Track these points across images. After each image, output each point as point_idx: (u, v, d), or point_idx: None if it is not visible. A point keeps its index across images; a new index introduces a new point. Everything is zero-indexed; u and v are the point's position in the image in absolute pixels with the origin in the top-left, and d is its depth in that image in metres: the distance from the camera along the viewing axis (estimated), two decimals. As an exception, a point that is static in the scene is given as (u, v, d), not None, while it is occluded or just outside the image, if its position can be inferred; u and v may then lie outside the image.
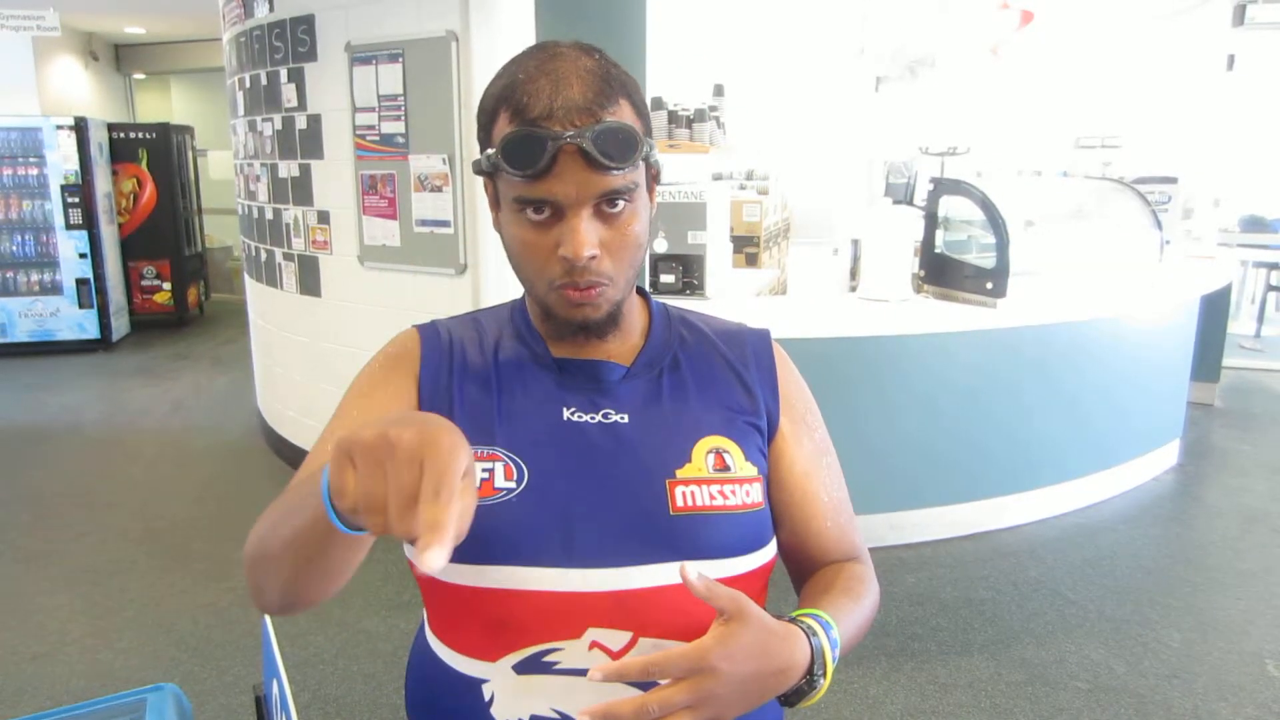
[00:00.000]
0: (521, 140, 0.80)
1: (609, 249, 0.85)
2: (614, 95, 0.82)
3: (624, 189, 0.83)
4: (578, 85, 0.81)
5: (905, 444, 3.34)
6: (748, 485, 0.92)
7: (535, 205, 0.83)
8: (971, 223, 3.63)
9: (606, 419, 0.92)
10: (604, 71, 0.83)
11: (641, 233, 0.88)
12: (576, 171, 0.80)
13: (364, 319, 3.71)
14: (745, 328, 1.05)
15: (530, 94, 0.80)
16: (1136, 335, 3.86)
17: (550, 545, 0.85)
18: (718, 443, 0.93)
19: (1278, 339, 6.92)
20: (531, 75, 0.82)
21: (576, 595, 0.84)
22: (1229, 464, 4.38)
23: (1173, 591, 3.12)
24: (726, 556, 0.89)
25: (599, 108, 0.80)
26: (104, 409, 5.39)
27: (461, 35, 3.20)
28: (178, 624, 2.87)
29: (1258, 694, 2.49)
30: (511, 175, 0.81)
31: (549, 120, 0.79)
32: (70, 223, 6.56)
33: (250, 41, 3.94)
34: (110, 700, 1.27)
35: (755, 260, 4.61)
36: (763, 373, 1.00)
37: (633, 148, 0.81)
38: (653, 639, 0.85)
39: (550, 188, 0.81)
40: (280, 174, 3.92)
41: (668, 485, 0.88)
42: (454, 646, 0.90)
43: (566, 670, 0.84)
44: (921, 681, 2.55)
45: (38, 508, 3.87)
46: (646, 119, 0.88)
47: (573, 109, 0.80)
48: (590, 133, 0.79)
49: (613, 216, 0.84)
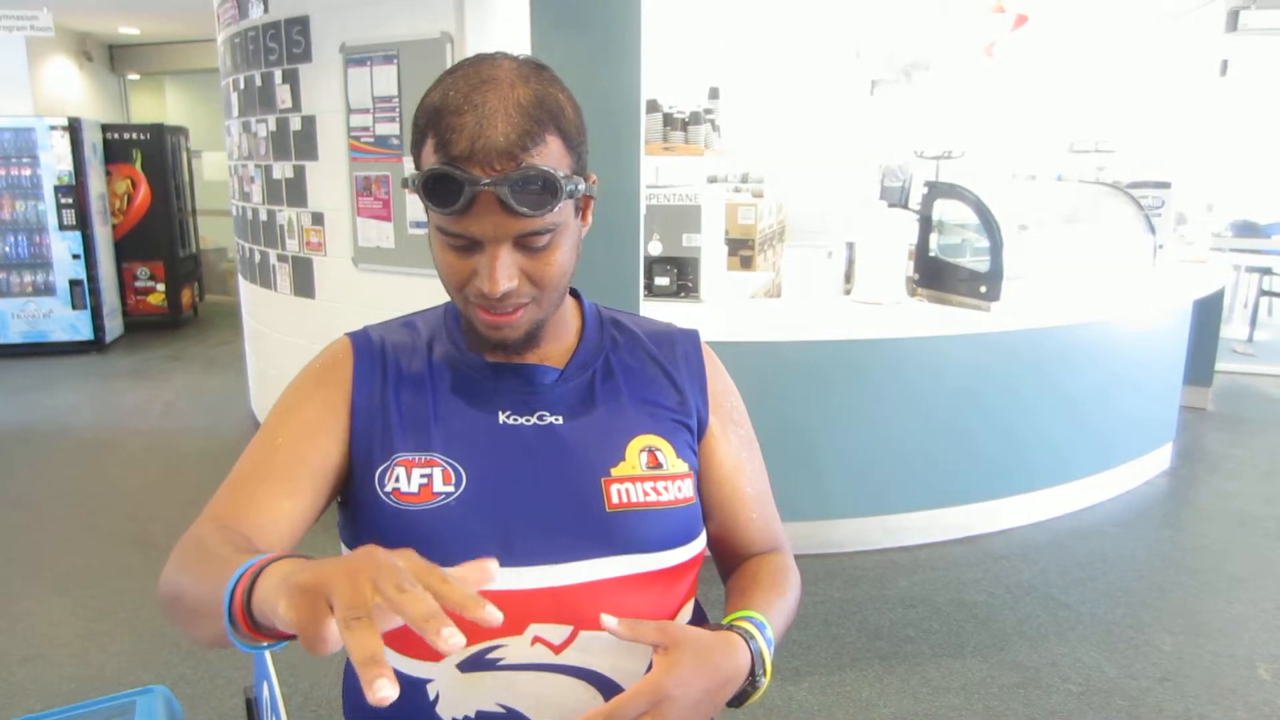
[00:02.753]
0: (440, 180, 0.80)
1: (530, 276, 0.86)
2: (539, 133, 0.81)
3: (544, 229, 0.84)
4: (501, 125, 0.79)
5: (898, 447, 3.35)
6: (679, 481, 0.95)
7: (454, 237, 0.84)
8: (966, 226, 3.64)
9: (542, 420, 0.94)
10: (535, 104, 0.81)
11: (565, 260, 0.88)
12: (493, 214, 0.81)
13: (358, 321, 3.68)
14: (674, 328, 1.08)
15: (454, 129, 0.80)
16: (1129, 339, 3.87)
17: (490, 546, 0.86)
18: (650, 441, 0.96)
19: (1270, 343, 6.94)
20: (458, 105, 0.80)
21: (517, 593, 0.87)
22: (1221, 468, 4.40)
23: (1165, 595, 3.12)
24: (660, 550, 0.92)
25: (520, 150, 0.79)
26: (97, 410, 5.38)
27: (456, 37, 3.20)
28: (168, 626, 2.85)
29: (1249, 697, 2.49)
30: (430, 209, 0.83)
31: (468, 162, 0.79)
32: (63, 224, 6.54)
33: (245, 42, 3.93)
34: (101, 703, 1.27)
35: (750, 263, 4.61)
36: (691, 372, 1.03)
37: (551, 195, 0.81)
38: (592, 631, 0.87)
39: (468, 226, 0.82)
40: (274, 175, 3.91)
41: (603, 484, 0.91)
42: (396, 648, 0.91)
43: (510, 665, 0.87)
44: (914, 684, 2.55)
45: (29, 509, 3.86)
46: (578, 149, 0.86)
47: (493, 152, 0.79)
48: (508, 180, 0.79)
49: (533, 250, 0.85)
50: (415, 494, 0.89)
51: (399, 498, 0.89)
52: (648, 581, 0.91)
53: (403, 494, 0.89)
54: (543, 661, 0.87)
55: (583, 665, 0.88)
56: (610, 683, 0.89)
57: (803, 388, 3.20)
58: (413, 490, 0.89)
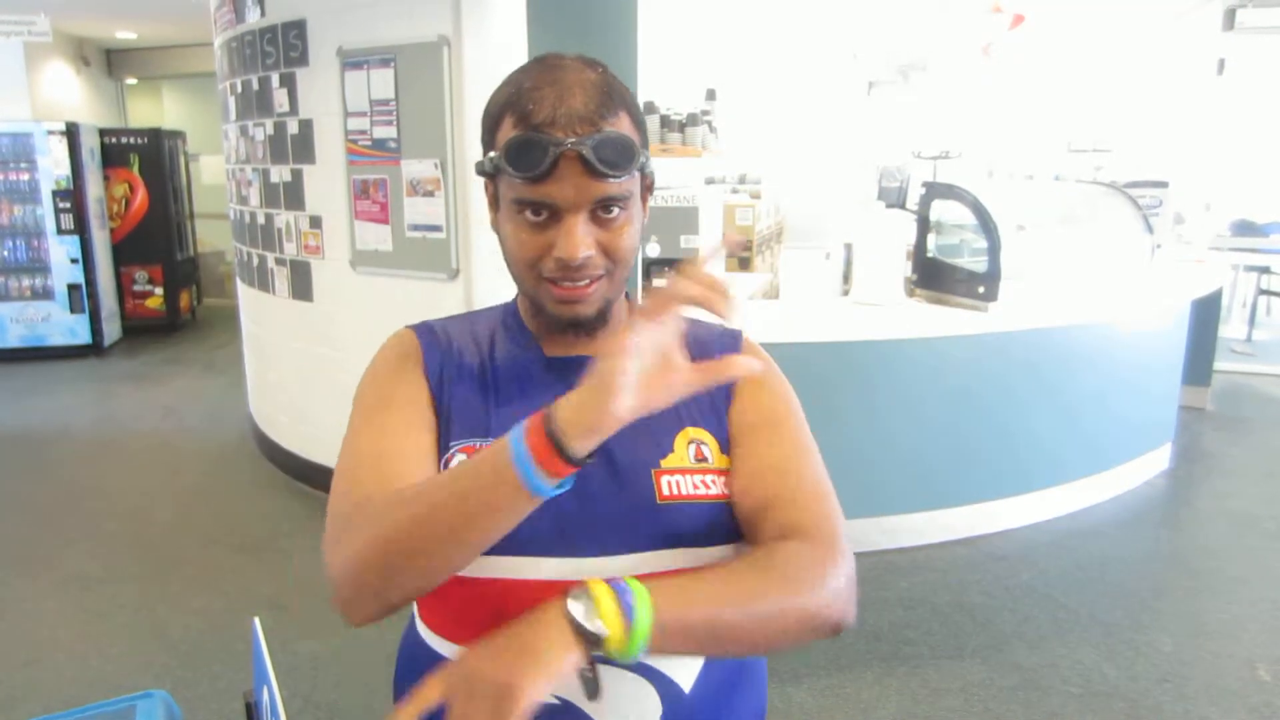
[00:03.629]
0: (524, 144, 0.84)
1: (604, 249, 0.89)
2: (614, 107, 0.86)
3: (619, 196, 0.87)
4: (580, 95, 0.85)
5: (897, 448, 3.35)
6: (725, 477, 0.95)
7: (534, 207, 0.87)
8: (964, 227, 3.64)
9: None
10: (605, 84, 0.88)
11: (634, 238, 0.92)
12: (575, 177, 0.84)
13: (356, 324, 3.70)
14: (717, 327, 1.08)
15: (535, 101, 0.85)
16: (1128, 339, 3.88)
17: (544, 536, 0.88)
18: (696, 434, 0.96)
19: (1269, 343, 6.94)
20: (537, 84, 0.86)
21: (569, 584, 0.85)
22: (1220, 468, 4.40)
23: (1164, 595, 3.12)
24: (708, 545, 0.92)
25: (599, 117, 0.84)
26: (95, 414, 5.37)
27: (454, 40, 3.20)
28: (168, 630, 2.86)
29: (1249, 698, 2.49)
30: (513, 177, 0.85)
31: (551, 127, 0.83)
32: (61, 228, 6.54)
33: (242, 46, 3.93)
34: (100, 707, 1.27)
35: (748, 264, 4.61)
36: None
37: (630, 157, 0.85)
38: None
39: (549, 191, 0.85)
40: (272, 179, 3.91)
41: (654, 475, 0.92)
42: (448, 636, 0.92)
43: None
44: (914, 686, 2.55)
45: (28, 513, 3.85)
46: (644, 132, 0.92)
47: (574, 117, 0.84)
48: (590, 141, 0.83)
49: (607, 221, 0.88)
50: None
51: None
52: None
53: None
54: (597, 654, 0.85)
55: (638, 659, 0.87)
56: (665, 678, 0.89)
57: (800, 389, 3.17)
58: None
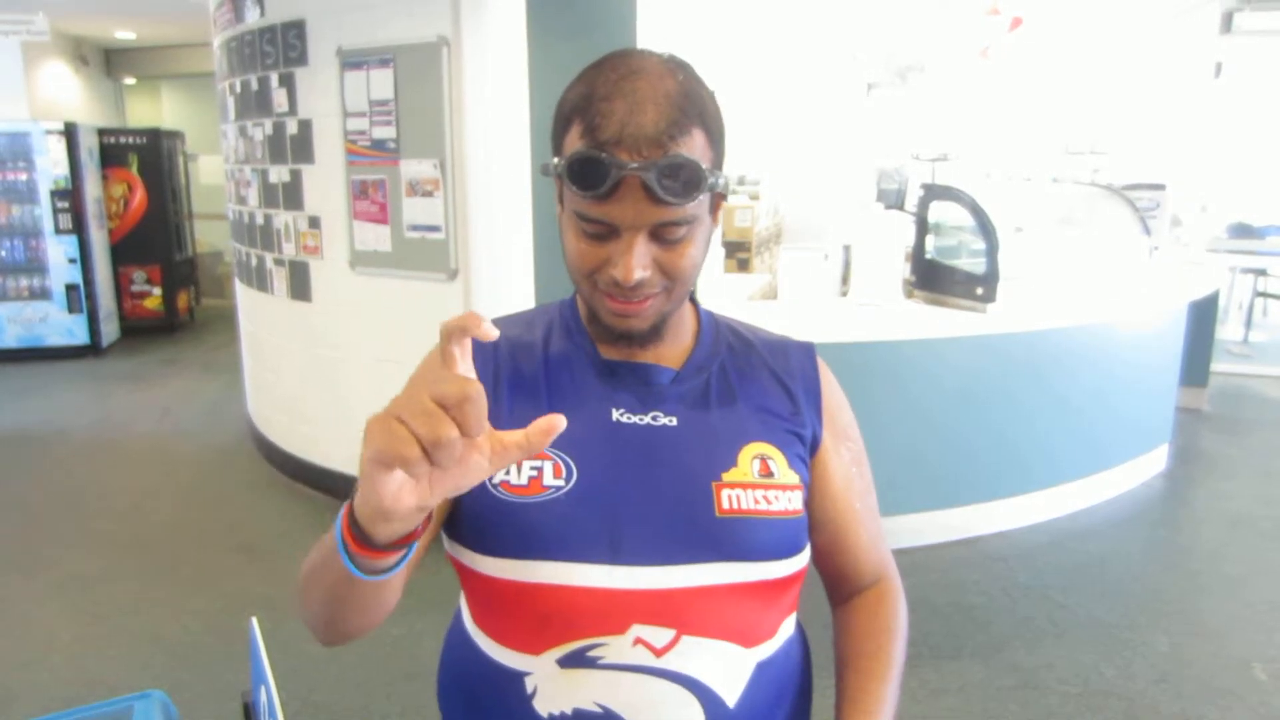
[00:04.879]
0: (587, 162, 0.81)
1: (662, 267, 0.87)
2: (687, 125, 0.82)
3: (682, 220, 0.84)
4: (651, 112, 0.80)
5: (895, 449, 3.35)
6: (790, 493, 0.93)
7: (593, 222, 0.85)
8: (962, 228, 3.65)
9: (655, 421, 0.93)
10: (683, 96, 0.83)
11: (697, 254, 0.89)
12: (637, 201, 0.82)
13: (355, 324, 3.70)
14: (790, 340, 1.07)
15: (603, 114, 0.81)
16: (1125, 341, 3.88)
17: (598, 543, 0.86)
18: (763, 449, 0.94)
19: (1266, 344, 6.95)
20: (609, 93, 0.82)
21: (622, 593, 0.86)
22: (1217, 469, 4.41)
23: (1161, 596, 3.13)
24: (766, 559, 0.91)
25: (669, 139, 0.80)
26: (93, 415, 5.37)
27: (453, 40, 3.20)
28: (166, 630, 2.86)
29: (1245, 697, 2.50)
30: (574, 192, 0.83)
31: (617, 147, 0.80)
32: (60, 228, 6.53)
33: (241, 46, 3.93)
34: (97, 707, 1.27)
35: (747, 265, 4.62)
36: (807, 384, 1.02)
37: (695, 185, 0.81)
38: (695, 638, 0.86)
39: (609, 211, 0.83)
40: (271, 179, 3.91)
41: (714, 488, 0.89)
42: (496, 638, 0.90)
43: (611, 665, 0.85)
44: (912, 686, 2.55)
45: (25, 514, 3.85)
46: (720, 144, 0.88)
47: (641, 138, 0.80)
48: (655, 167, 0.79)
49: (669, 242, 0.86)
50: (524, 486, 0.88)
51: (507, 489, 0.88)
52: (752, 591, 0.90)
53: (511, 486, 0.88)
54: (643, 664, 0.85)
55: (683, 671, 0.86)
56: (711, 692, 0.87)
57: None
58: (522, 483, 0.88)
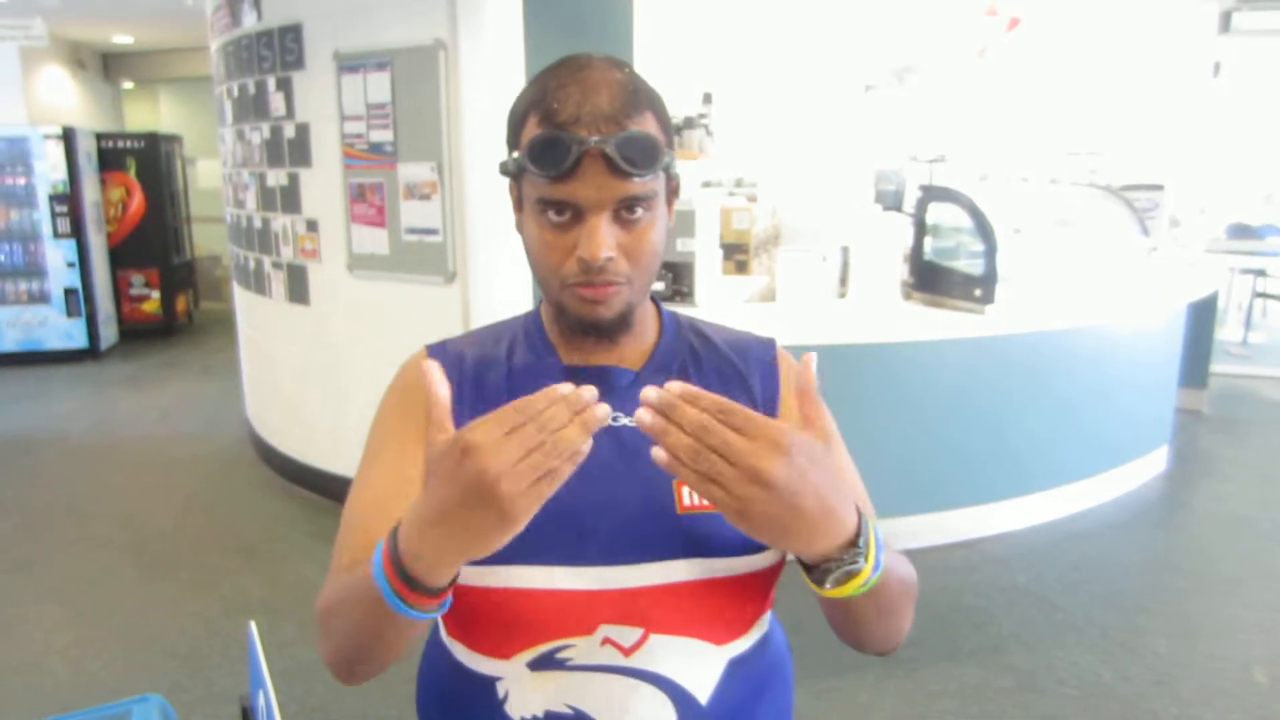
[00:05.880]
0: (548, 142, 0.83)
1: (626, 253, 0.88)
2: (640, 106, 0.86)
3: (644, 196, 0.86)
4: (605, 94, 0.84)
5: (893, 451, 3.35)
6: None
7: (557, 207, 0.86)
8: (960, 230, 3.65)
9: (615, 422, 0.93)
10: (631, 84, 0.87)
11: (658, 241, 0.90)
12: (598, 176, 0.83)
13: (352, 327, 3.70)
14: (751, 336, 1.08)
15: (559, 100, 0.84)
16: (1124, 342, 3.88)
17: (562, 544, 0.87)
18: None
19: (1265, 345, 6.96)
20: (562, 83, 0.85)
21: (588, 593, 0.86)
22: (1216, 470, 4.41)
23: (1160, 597, 3.13)
24: (733, 555, 0.91)
25: (624, 117, 0.84)
26: (92, 418, 5.37)
27: (450, 44, 3.20)
28: (164, 634, 2.86)
29: (1244, 700, 2.50)
30: (536, 176, 0.84)
31: (575, 125, 0.83)
32: (58, 232, 6.53)
33: (238, 50, 3.93)
34: (96, 711, 1.27)
35: (745, 267, 4.62)
36: (765, 378, 1.02)
37: (654, 156, 0.84)
38: (663, 636, 0.87)
39: (572, 190, 0.84)
40: (269, 182, 3.91)
41: (675, 485, 0.90)
42: (468, 645, 0.91)
43: (580, 666, 0.86)
44: (910, 689, 2.55)
45: (24, 517, 3.85)
46: (670, 133, 0.91)
47: (599, 116, 0.83)
48: (614, 139, 0.82)
49: (631, 222, 0.87)
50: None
51: None
52: (719, 587, 0.90)
53: None
54: (612, 664, 0.86)
55: (653, 670, 0.86)
56: (682, 690, 0.87)
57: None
58: None
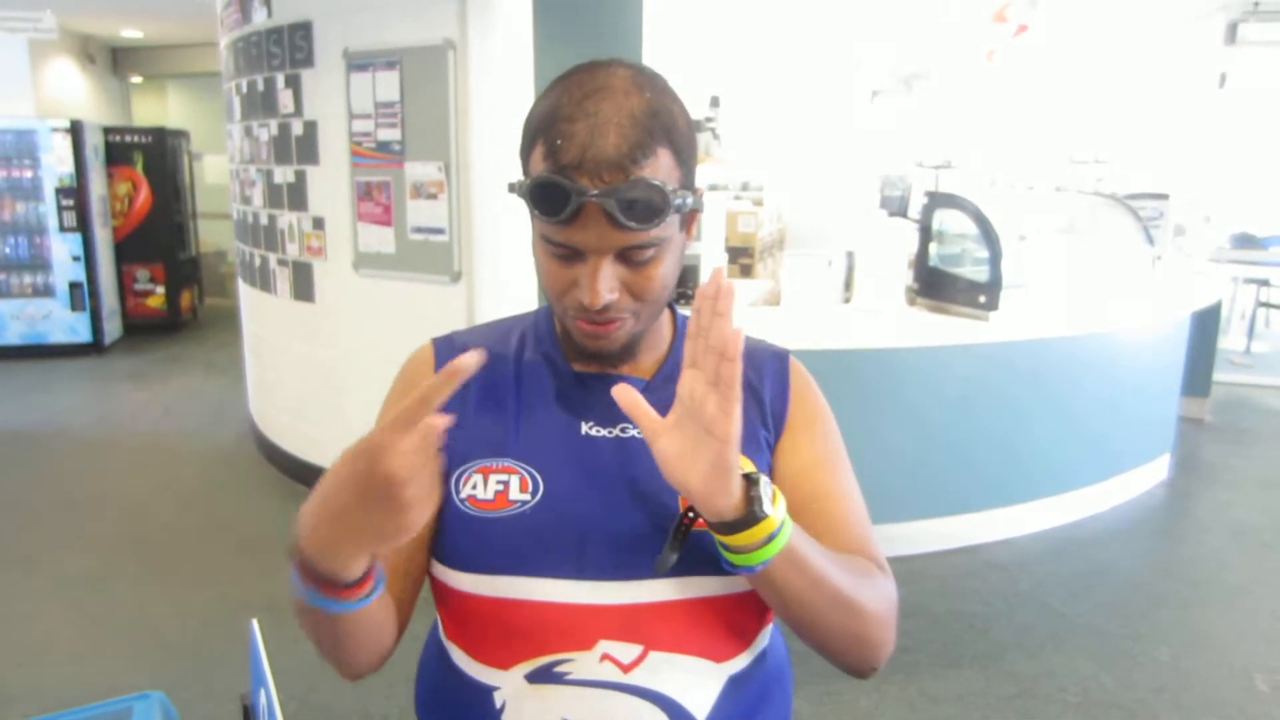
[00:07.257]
0: (548, 187, 0.80)
1: (631, 290, 0.86)
2: (651, 146, 0.80)
3: (648, 244, 0.83)
4: (613, 135, 0.79)
5: (896, 456, 3.35)
6: None
7: (558, 245, 0.84)
8: (965, 236, 3.65)
9: (624, 433, 0.92)
10: (648, 115, 0.81)
11: (667, 273, 0.87)
12: (599, 226, 0.80)
13: (357, 326, 3.71)
14: (766, 345, 1.05)
15: (565, 136, 0.79)
16: (1128, 350, 3.88)
17: (564, 558, 0.86)
18: None
19: (1268, 355, 6.95)
20: (572, 113, 0.80)
21: (588, 608, 0.85)
22: (1219, 478, 4.40)
23: (1162, 605, 3.12)
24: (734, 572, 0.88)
25: (631, 163, 0.79)
26: (95, 413, 5.37)
27: (459, 44, 3.21)
28: (165, 631, 2.86)
29: (1246, 708, 2.49)
30: (537, 216, 0.83)
31: (578, 171, 0.79)
32: (64, 225, 6.54)
33: (248, 47, 3.94)
34: (97, 708, 1.27)
35: (750, 271, 4.62)
36: (776, 388, 1.00)
37: (657, 212, 0.80)
38: (663, 653, 0.85)
39: (572, 236, 0.82)
40: (276, 179, 3.92)
41: (680, 501, 0.87)
42: (468, 652, 0.90)
43: (578, 681, 0.85)
44: (911, 694, 2.55)
45: (26, 512, 3.85)
46: (688, 163, 0.86)
47: (603, 163, 0.78)
48: (615, 194, 0.78)
49: (637, 262, 0.85)
50: (490, 500, 0.88)
51: (474, 504, 0.88)
52: (721, 604, 0.88)
53: (478, 500, 0.88)
54: (611, 680, 0.84)
55: (651, 687, 0.84)
56: (680, 708, 0.85)
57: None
58: (488, 497, 0.88)
